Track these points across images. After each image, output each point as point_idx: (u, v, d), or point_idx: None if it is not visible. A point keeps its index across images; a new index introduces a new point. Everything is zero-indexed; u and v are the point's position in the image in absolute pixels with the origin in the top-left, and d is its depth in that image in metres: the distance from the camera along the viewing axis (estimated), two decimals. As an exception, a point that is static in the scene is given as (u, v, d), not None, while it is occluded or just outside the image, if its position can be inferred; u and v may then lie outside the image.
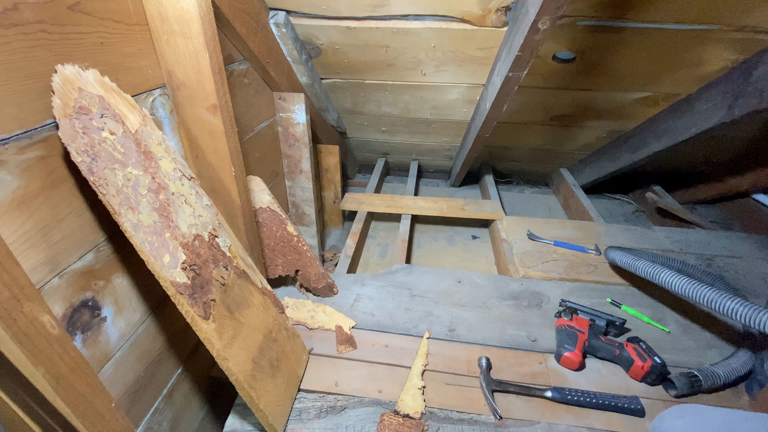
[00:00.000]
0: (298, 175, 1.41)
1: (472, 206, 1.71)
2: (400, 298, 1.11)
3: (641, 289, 1.15)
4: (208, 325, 0.61)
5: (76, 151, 0.52)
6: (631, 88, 1.34)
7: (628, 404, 0.81)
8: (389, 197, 1.79)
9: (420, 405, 0.81)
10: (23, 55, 0.49)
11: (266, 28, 1.08)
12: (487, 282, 1.18)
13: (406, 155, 2.12)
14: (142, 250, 0.55)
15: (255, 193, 1.03)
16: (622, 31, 1.08)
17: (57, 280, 0.56)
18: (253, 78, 1.12)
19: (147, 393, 0.78)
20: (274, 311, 0.81)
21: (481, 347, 0.96)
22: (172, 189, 0.64)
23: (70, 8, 0.54)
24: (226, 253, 0.72)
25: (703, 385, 0.82)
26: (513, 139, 1.81)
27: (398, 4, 1.05)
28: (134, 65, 0.66)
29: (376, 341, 0.97)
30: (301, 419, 0.79)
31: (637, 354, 0.88)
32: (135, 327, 0.73)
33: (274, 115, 1.29)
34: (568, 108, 1.51)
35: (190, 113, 0.74)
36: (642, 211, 2.00)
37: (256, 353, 0.71)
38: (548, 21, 0.87)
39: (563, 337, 0.92)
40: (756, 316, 0.71)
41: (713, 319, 1.04)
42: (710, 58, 1.15)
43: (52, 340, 0.47)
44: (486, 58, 1.21)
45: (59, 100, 0.52)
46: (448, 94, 1.45)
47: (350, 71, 1.37)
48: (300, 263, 1.08)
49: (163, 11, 0.65)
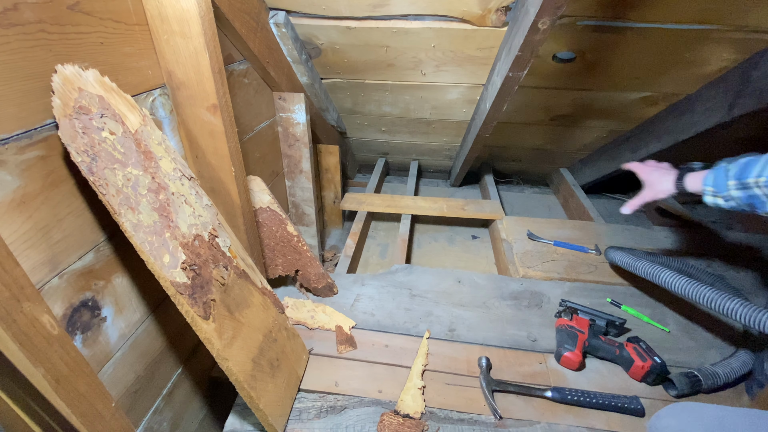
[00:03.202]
0: (298, 175, 1.41)
1: (472, 206, 1.71)
2: (400, 298, 1.11)
3: (641, 289, 1.15)
4: (208, 325, 0.61)
5: (76, 151, 0.52)
6: (631, 88, 1.34)
7: (628, 404, 0.81)
8: (389, 197, 1.79)
9: (420, 405, 0.81)
10: (23, 55, 0.49)
11: (266, 28, 1.08)
12: (487, 282, 1.18)
13: (406, 155, 2.12)
14: (142, 250, 0.55)
15: (255, 193, 1.03)
16: (622, 31, 1.08)
17: (57, 280, 0.56)
18: (253, 78, 1.12)
19: (147, 393, 0.78)
20: (274, 311, 0.81)
21: (481, 347, 0.96)
22: (172, 189, 0.64)
23: (70, 8, 0.54)
24: (226, 253, 0.72)
25: (703, 385, 0.82)
26: (513, 139, 1.81)
27: (398, 4, 1.05)
28: (134, 65, 0.66)
29: (376, 341, 0.97)
30: (301, 419, 0.79)
31: (637, 354, 0.88)
32: (135, 327, 0.73)
33: (274, 115, 1.29)
34: (568, 108, 1.51)
35: (190, 113, 0.74)
36: (642, 211, 2.00)
37: (256, 353, 0.71)
38: (548, 21, 0.87)
39: (563, 337, 0.92)
40: (756, 316, 0.71)
41: (713, 319, 1.04)
42: (710, 58, 1.15)
43: (52, 340, 0.47)
44: (486, 58, 1.21)
45: (59, 100, 0.52)
46: (448, 94, 1.45)
47: (350, 71, 1.37)
48: (300, 263, 1.07)
49: (163, 11, 0.65)
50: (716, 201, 0.79)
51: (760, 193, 0.70)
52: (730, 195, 0.75)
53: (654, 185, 0.96)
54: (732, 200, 0.76)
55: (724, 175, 0.76)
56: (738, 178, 0.73)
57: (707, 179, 0.81)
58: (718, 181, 0.78)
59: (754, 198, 0.71)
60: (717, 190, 0.78)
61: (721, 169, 0.78)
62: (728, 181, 0.75)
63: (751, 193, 0.71)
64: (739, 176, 0.73)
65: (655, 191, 0.95)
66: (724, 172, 0.77)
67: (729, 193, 0.75)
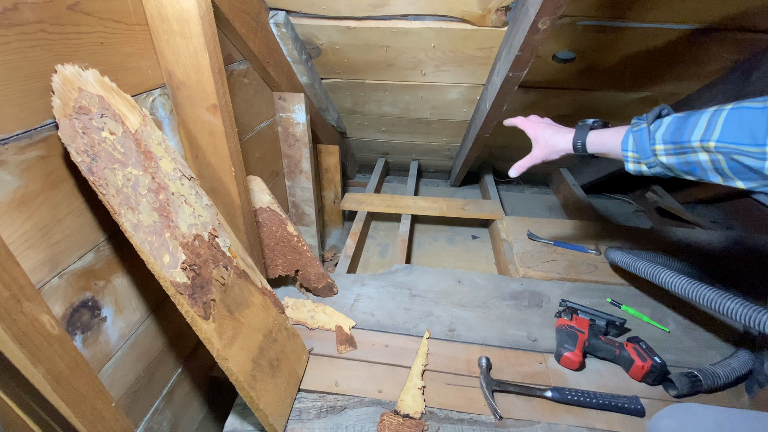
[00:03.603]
0: (298, 175, 1.41)
1: (472, 206, 1.71)
2: (400, 298, 1.11)
3: (641, 289, 1.15)
4: (208, 325, 0.61)
5: (76, 151, 0.52)
6: (631, 88, 1.34)
7: (628, 404, 0.81)
8: (389, 197, 1.79)
9: (420, 405, 0.81)
10: (23, 55, 0.49)
11: (266, 28, 1.08)
12: (487, 282, 1.18)
13: (406, 155, 2.12)
14: (142, 250, 0.55)
15: (255, 193, 1.03)
16: (622, 31, 1.08)
17: (57, 280, 0.56)
18: (253, 78, 1.12)
19: (147, 393, 0.78)
20: (274, 311, 0.81)
21: (481, 347, 0.96)
22: (172, 189, 0.64)
23: (70, 8, 0.54)
24: (226, 253, 0.72)
25: (703, 385, 0.82)
26: (513, 139, 1.81)
27: (398, 4, 1.05)
28: (134, 65, 0.66)
29: (376, 341, 0.97)
30: (301, 419, 0.79)
31: (637, 354, 0.88)
32: (135, 327, 0.73)
33: (274, 115, 1.29)
34: (568, 108, 1.51)
35: (190, 113, 0.74)
36: (642, 211, 2.00)
37: (256, 353, 0.71)
38: (548, 21, 0.87)
39: (563, 337, 0.92)
40: (756, 317, 0.71)
41: (713, 319, 1.04)
42: (710, 58, 1.15)
43: (52, 340, 0.47)
44: (486, 58, 1.21)
45: (59, 100, 0.52)
46: (448, 94, 1.45)
47: (350, 71, 1.37)
48: (300, 263, 1.07)
49: (163, 11, 0.65)
50: (639, 168, 0.67)
51: (705, 159, 0.56)
52: (658, 161, 0.62)
53: (546, 144, 0.84)
54: (658, 166, 0.64)
55: (647, 137, 0.63)
56: (672, 140, 0.60)
57: (626, 142, 0.67)
58: (640, 144, 0.64)
59: (694, 165, 0.58)
60: (640, 155, 0.65)
61: (642, 130, 0.64)
62: (655, 145, 0.62)
63: (692, 159, 0.58)
64: (673, 138, 0.60)
65: (547, 150, 0.83)
66: (645, 133, 0.64)
67: (656, 158, 0.62)
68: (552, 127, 0.85)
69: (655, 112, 0.66)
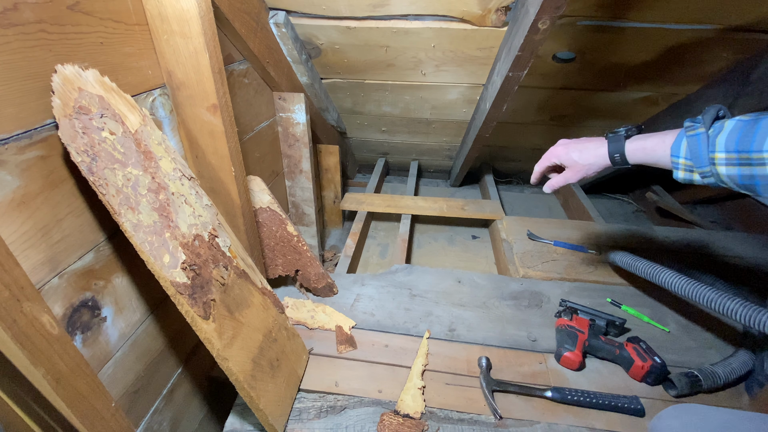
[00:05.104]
0: (298, 175, 1.41)
1: (472, 206, 1.71)
2: (400, 298, 1.11)
3: (641, 289, 1.15)
4: (208, 325, 0.61)
5: (75, 151, 0.52)
6: (631, 88, 1.34)
7: (628, 404, 0.81)
8: (389, 197, 1.79)
9: (420, 405, 0.81)
10: (23, 55, 0.49)
11: (266, 28, 1.08)
12: (487, 282, 1.18)
13: (406, 155, 2.12)
14: (142, 250, 0.55)
15: (255, 193, 1.03)
16: (622, 31, 1.08)
17: (57, 280, 0.56)
18: (253, 78, 1.12)
19: (147, 393, 0.78)
20: (274, 311, 0.81)
21: (481, 347, 0.96)
22: (172, 189, 0.64)
23: (70, 8, 0.54)
24: (226, 253, 0.72)
25: (703, 385, 0.82)
26: (513, 139, 1.81)
27: (398, 4, 1.05)
28: (134, 65, 0.66)
29: (376, 341, 0.97)
30: (301, 419, 0.79)
31: (637, 354, 0.88)
32: (135, 327, 0.73)
33: (274, 115, 1.29)
34: (568, 108, 1.51)
35: (190, 113, 0.74)
36: (642, 211, 2.00)
37: (256, 353, 0.71)
38: (548, 21, 0.87)
39: (563, 337, 0.92)
40: (756, 317, 0.71)
41: (713, 319, 1.04)
42: (710, 58, 1.15)
43: (52, 340, 0.47)
44: (486, 58, 1.21)
45: (59, 100, 0.52)
46: (448, 94, 1.45)
47: (350, 71, 1.37)
48: (300, 263, 1.07)
49: (163, 11, 0.65)
50: (690, 176, 0.59)
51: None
52: (715, 171, 0.55)
53: (576, 164, 0.76)
54: (713, 177, 0.56)
55: (705, 143, 0.55)
56: (738, 149, 0.52)
57: (677, 147, 0.59)
58: (696, 151, 0.56)
59: (758, 179, 0.50)
60: (695, 162, 0.57)
61: (700, 135, 0.56)
62: (714, 152, 0.54)
63: (758, 172, 0.50)
64: (738, 147, 0.52)
65: (582, 172, 0.76)
66: (704, 138, 0.56)
67: (713, 168, 0.55)
68: (571, 145, 0.78)
69: (712, 114, 0.57)
